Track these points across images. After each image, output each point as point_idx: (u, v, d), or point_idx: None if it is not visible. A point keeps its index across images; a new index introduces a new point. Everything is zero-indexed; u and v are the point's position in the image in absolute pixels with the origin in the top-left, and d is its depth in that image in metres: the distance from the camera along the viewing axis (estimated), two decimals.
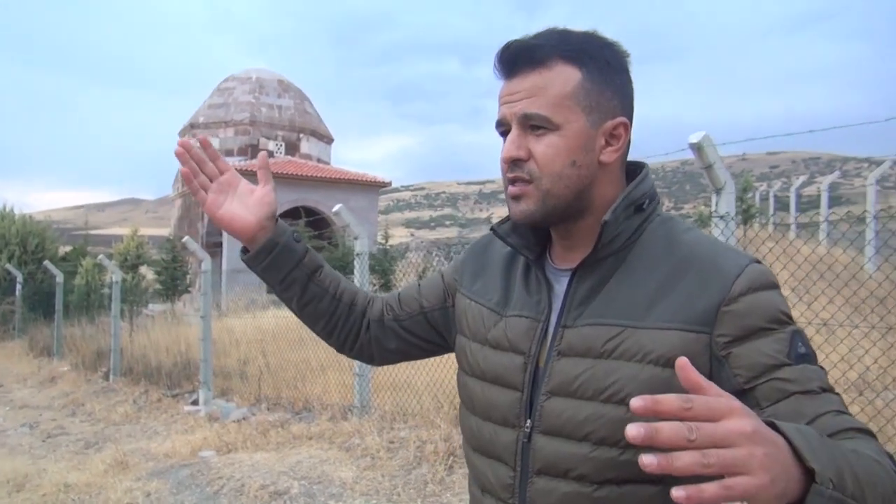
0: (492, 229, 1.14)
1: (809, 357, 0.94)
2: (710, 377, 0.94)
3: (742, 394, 0.93)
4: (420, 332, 1.28)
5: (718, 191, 3.40)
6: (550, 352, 1.03)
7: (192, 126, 25.79)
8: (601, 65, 1.01)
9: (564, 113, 0.99)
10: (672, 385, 0.92)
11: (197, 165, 1.20)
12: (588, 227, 1.05)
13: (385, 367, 6.64)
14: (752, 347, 0.93)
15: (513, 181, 1.03)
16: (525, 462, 1.02)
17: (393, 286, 16.53)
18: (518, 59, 1.00)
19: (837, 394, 0.94)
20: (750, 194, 17.48)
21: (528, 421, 1.02)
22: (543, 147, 1.00)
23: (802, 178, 18.68)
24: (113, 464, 5.52)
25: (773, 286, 0.97)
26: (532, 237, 1.11)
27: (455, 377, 1.23)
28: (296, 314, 1.29)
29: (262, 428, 6.12)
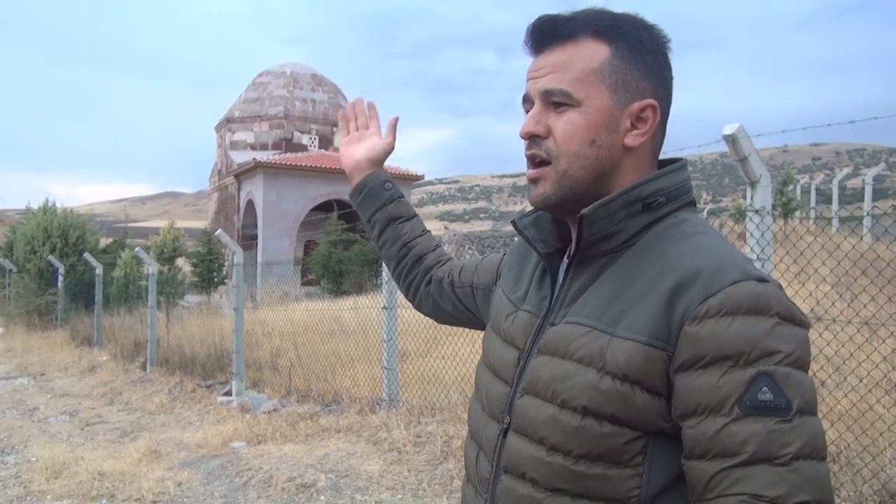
0: (512, 222, 1.12)
1: (772, 408, 0.78)
2: (668, 400, 0.86)
3: (678, 428, 0.85)
4: (468, 304, 1.32)
5: (753, 184, 3.30)
6: (533, 348, 1.00)
7: (228, 121, 26.12)
8: (633, 43, 0.96)
9: (586, 88, 0.95)
10: (631, 402, 0.86)
11: (356, 116, 1.46)
12: None
13: (413, 361, 6.64)
14: (692, 380, 0.82)
15: (530, 159, 1.00)
16: (499, 458, 1.00)
17: None
18: (546, 33, 0.98)
19: (784, 465, 0.77)
20: (791, 187, 17.08)
21: (508, 416, 1.00)
22: (563, 123, 0.96)
23: (846, 171, 18.16)
24: (147, 453, 5.60)
25: (762, 313, 0.81)
26: (553, 231, 1.07)
27: None
28: (378, 252, 1.45)
29: (292, 420, 6.17)
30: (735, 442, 0.78)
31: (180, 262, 21.35)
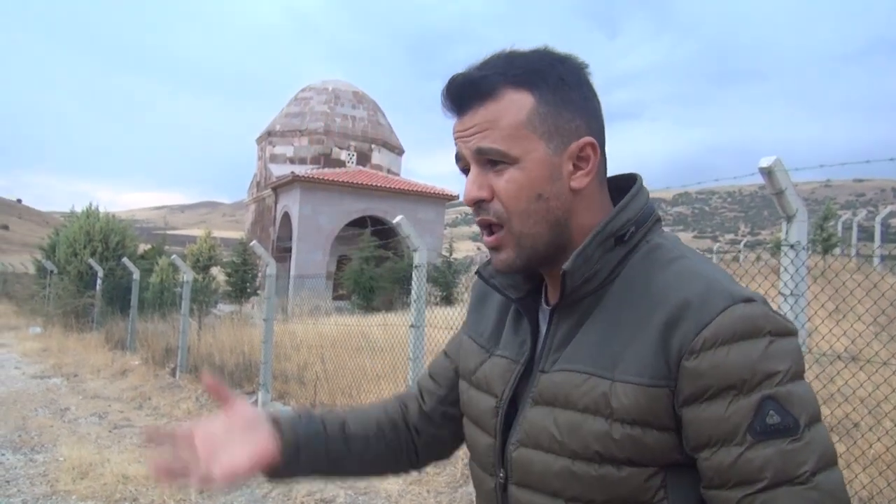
0: (476, 272, 1.08)
1: (782, 429, 0.79)
2: (678, 433, 0.85)
3: (694, 461, 0.84)
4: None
5: (790, 218, 3.24)
6: (526, 398, 0.96)
7: (270, 134, 26.59)
8: (555, 84, 0.92)
9: (521, 143, 0.90)
10: (644, 443, 0.85)
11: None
12: None
13: None
14: (700, 412, 0.82)
15: (483, 226, 0.96)
16: None
17: (454, 299, 16.53)
18: (464, 94, 0.93)
19: (803, 483, 0.78)
20: (832, 222, 16.76)
21: (502, 471, 0.97)
22: (504, 183, 0.91)
23: (890, 208, 17.71)
24: None
25: (756, 335, 0.81)
26: (520, 275, 1.03)
27: None
28: (363, 478, 1.22)
29: None
30: (753, 468, 0.79)
31: (215, 270, 21.67)
